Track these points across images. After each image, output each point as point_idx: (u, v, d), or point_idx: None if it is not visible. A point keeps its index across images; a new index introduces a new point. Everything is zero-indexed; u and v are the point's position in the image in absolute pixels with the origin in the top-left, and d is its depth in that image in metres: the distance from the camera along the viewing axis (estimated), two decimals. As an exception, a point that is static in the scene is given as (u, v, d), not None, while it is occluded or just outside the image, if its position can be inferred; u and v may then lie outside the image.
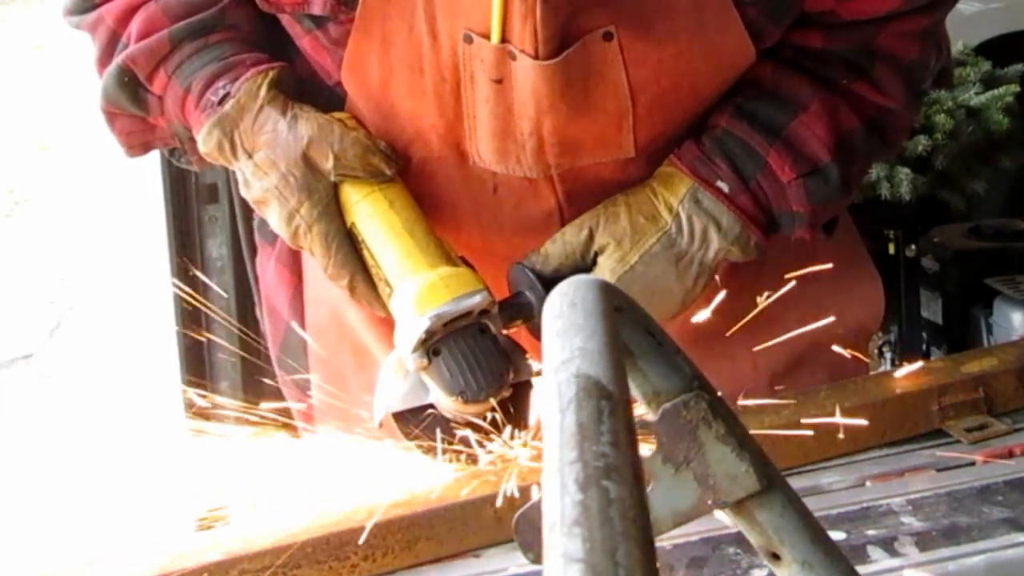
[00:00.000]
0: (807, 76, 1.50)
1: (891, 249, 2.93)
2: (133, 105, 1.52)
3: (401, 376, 1.42)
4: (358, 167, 1.44)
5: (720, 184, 1.46)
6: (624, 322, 0.84)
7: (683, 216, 1.46)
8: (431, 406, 1.41)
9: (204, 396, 1.52)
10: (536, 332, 1.46)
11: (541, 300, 1.43)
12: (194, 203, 2.55)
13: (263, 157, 1.45)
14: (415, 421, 1.41)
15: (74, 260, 6.24)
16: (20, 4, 11.39)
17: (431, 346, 1.37)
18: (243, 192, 1.50)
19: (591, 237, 1.47)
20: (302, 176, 1.44)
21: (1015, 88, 3.07)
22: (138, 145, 1.59)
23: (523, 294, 1.46)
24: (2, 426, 4.79)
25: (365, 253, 1.45)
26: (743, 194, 1.47)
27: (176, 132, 1.54)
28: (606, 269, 1.45)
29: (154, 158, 2.56)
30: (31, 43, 9.86)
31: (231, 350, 2.60)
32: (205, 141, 1.48)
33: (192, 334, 2.59)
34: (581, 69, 1.38)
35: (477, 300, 1.38)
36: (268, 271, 1.74)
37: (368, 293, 1.45)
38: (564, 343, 0.73)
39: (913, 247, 2.92)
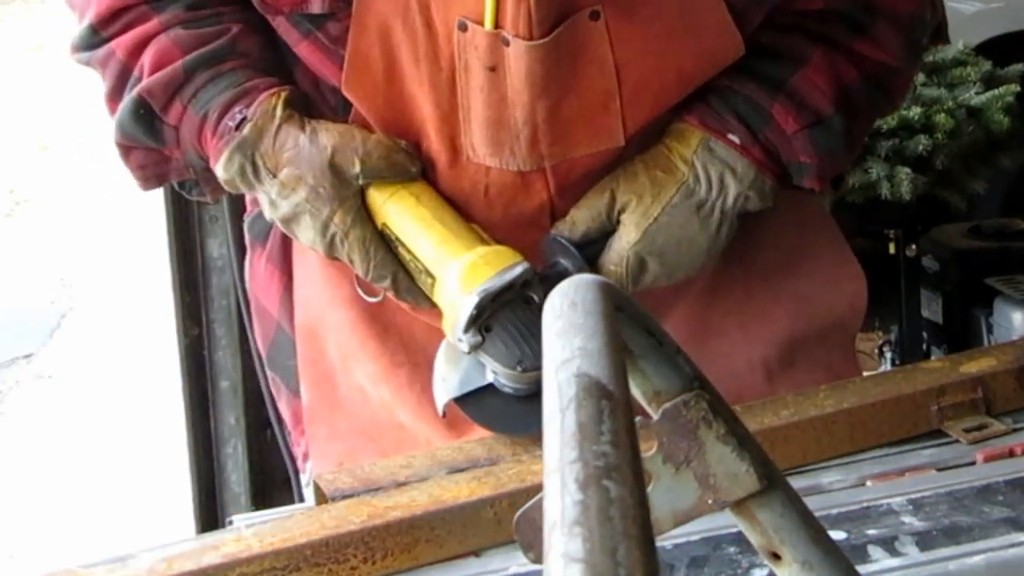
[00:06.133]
0: (806, 35, 1.52)
1: (891, 249, 2.93)
2: (149, 137, 1.52)
3: (454, 363, 1.46)
4: (384, 167, 1.47)
5: (731, 136, 1.49)
6: (624, 322, 0.84)
7: (699, 166, 1.49)
8: (491, 385, 1.44)
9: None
10: None
11: (576, 264, 1.48)
12: (194, 203, 2.55)
13: (288, 174, 1.47)
14: (478, 403, 1.45)
15: (74, 260, 6.24)
16: (20, 4, 11.40)
17: (482, 323, 1.40)
18: (269, 214, 1.51)
19: (613, 197, 1.49)
20: (331, 186, 1.46)
21: (1015, 88, 3.07)
22: (153, 178, 1.59)
23: (559, 262, 1.49)
24: (2, 426, 4.79)
25: (400, 250, 1.48)
26: (754, 145, 1.50)
27: (191, 163, 1.54)
28: (631, 224, 1.47)
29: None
30: (31, 43, 9.87)
31: (231, 350, 2.60)
32: (226, 168, 1.49)
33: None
34: (569, 48, 1.40)
35: (519, 271, 1.41)
36: (259, 270, 1.74)
37: (412, 288, 1.48)
38: (564, 343, 0.73)
39: (913, 247, 2.92)
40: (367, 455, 1.57)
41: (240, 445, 2.61)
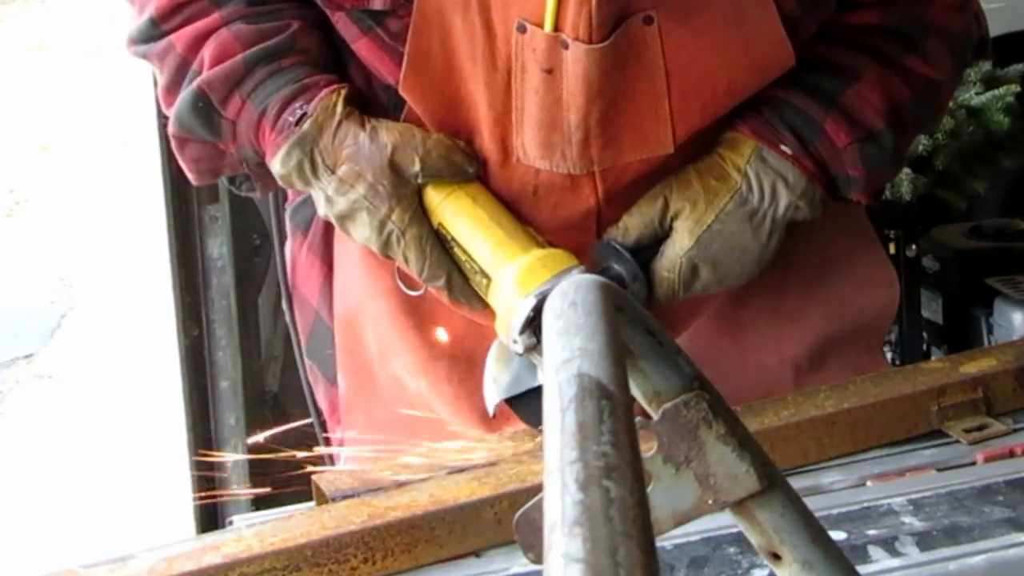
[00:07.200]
0: (859, 50, 1.54)
1: (891, 249, 2.93)
2: (206, 130, 1.53)
3: (505, 363, 1.47)
4: (443, 167, 1.47)
5: (784, 147, 1.51)
6: (624, 322, 0.84)
7: (751, 174, 1.50)
8: (542, 387, 1.43)
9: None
10: None
11: (630, 270, 1.48)
12: (194, 203, 2.55)
13: (347, 170, 1.47)
14: (528, 404, 1.45)
15: (74, 260, 6.24)
16: (20, 4, 11.41)
17: (538, 325, 1.39)
18: (324, 211, 1.51)
19: (666, 204, 1.50)
20: (390, 183, 1.46)
21: (1015, 88, 3.07)
22: (207, 171, 1.59)
23: (611, 267, 1.50)
24: (2, 426, 4.79)
25: (456, 251, 1.48)
26: (805, 157, 1.51)
27: (245, 157, 1.55)
28: (684, 231, 1.48)
29: (154, 155, 2.56)
30: (31, 43, 9.87)
31: (231, 350, 2.60)
32: (283, 163, 1.49)
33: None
34: (623, 52, 1.40)
35: (575, 275, 1.40)
36: (300, 259, 1.76)
37: (466, 289, 1.48)
38: (565, 343, 0.73)
39: (913, 247, 2.92)
40: None
41: (240, 445, 2.61)
